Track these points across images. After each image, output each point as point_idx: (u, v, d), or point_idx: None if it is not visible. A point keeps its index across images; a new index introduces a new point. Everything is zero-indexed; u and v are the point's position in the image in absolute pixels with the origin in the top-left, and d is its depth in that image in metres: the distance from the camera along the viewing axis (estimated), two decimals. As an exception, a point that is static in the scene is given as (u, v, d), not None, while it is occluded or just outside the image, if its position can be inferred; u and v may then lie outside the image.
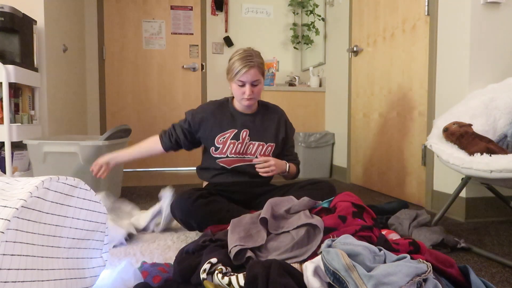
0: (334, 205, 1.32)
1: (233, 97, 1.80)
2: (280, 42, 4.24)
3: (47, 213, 0.89)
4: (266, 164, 1.67)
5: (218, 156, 1.74)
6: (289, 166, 1.78)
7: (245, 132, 1.75)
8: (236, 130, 1.74)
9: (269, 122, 1.81)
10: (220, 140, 1.74)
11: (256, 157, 1.74)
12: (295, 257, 1.10)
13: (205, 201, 1.54)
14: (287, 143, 1.87)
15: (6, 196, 0.82)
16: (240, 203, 1.67)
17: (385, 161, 2.65)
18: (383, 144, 2.67)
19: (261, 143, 1.76)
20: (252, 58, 1.64)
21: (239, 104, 1.76)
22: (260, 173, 1.68)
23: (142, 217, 1.79)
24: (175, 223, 1.76)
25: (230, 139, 1.73)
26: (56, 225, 0.92)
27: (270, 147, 1.78)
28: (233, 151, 1.74)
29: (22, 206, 0.80)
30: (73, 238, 0.98)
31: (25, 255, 0.81)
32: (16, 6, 2.35)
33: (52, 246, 0.91)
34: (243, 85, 1.66)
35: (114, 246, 1.50)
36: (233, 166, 1.74)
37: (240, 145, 1.73)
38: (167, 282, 1.07)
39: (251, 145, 1.75)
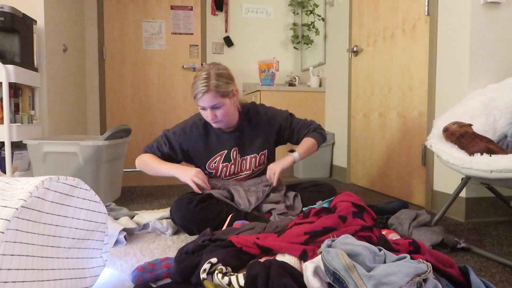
0: (334, 205, 1.32)
1: None
2: (280, 42, 4.24)
3: (47, 213, 0.89)
4: (271, 176, 1.67)
5: (212, 181, 1.70)
6: (296, 155, 1.68)
7: (235, 152, 1.68)
8: (226, 151, 1.68)
9: (256, 131, 1.71)
10: (212, 166, 1.69)
11: (252, 170, 1.72)
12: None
13: (205, 205, 1.53)
14: (285, 132, 1.77)
15: (6, 196, 0.82)
16: (240, 206, 1.67)
17: (385, 161, 2.65)
18: (383, 144, 2.67)
19: (253, 155, 1.72)
20: (207, 82, 1.49)
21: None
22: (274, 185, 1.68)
23: (147, 215, 1.79)
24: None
25: (222, 163, 1.69)
26: (56, 225, 0.92)
27: (263, 155, 1.74)
28: (227, 174, 1.71)
29: (22, 206, 0.80)
30: (73, 238, 0.98)
31: (25, 255, 0.81)
32: (16, 6, 2.35)
33: (52, 246, 0.91)
34: (204, 109, 1.56)
35: (114, 245, 1.51)
36: (229, 185, 1.73)
37: (233, 166, 1.70)
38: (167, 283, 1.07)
39: (244, 161, 1.71)
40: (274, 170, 1.66)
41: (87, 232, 1.02)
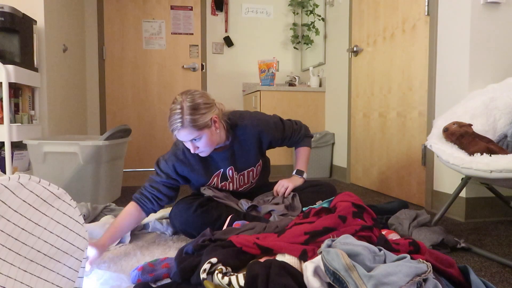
0: (334, 205, 1.32)
1: None
2: (280, 42, 4.24)
3: (15, 210, 0.79)
4: (282, 190, 1.69)
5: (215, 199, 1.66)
6: (304, 175, 1.78)
7: (230, 170, 1.63)
8: (222, 170, 1.62)
9: (248, 146, 1.63)
10: (212, 186, 1.66)
11: (251, 182, 1.73)
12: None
13: (204, 209, 1.52)
14: (277, 141, 1.72)
15: None
16: (239, 209, 1.67)
17: (385, 161, 2.65)
18: (383, 144, 2.67)
19: (249, 169, 1.68)
20: (181, 117, 1.37)
21: None
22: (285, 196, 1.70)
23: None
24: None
25: (220, 182, 1.65)
26: (23, 229, 0.81)
27: (259, 166, 1.72)
28: (228, 189, 1.71)
29: None
30: (39, 251, 0.85)
31: None
32: (16, 6, 2.35)
33: (11, 249, 0.79)
34: (186, 142, 1.45)
35: (116, 244, 1.51)
36: (230, 199, 1.72)
37: (231, 184, 1.67)
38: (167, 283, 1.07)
39: (242, 176, 1.68)
40: (286, 186, 1.71)
41: (57, 252, 0.88)
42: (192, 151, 1.45)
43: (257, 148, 1.65)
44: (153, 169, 1.59)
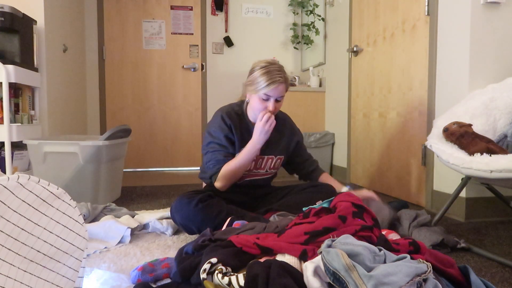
0: (334, 205, 1.32)
1: (246, 107, 1.72)
2: (280, 42, 4.24)
3: (14, 210, 0.79)
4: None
5: None
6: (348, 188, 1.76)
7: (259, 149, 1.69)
8: None
9: (280, 135, 1.76)
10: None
11: (266, 171, 1.74)
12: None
13: (205, 204, 1.52)
14: (299, 151, 1.86)
15: None
16: (240, 205, 1.67)
17: (385, 161, 2.65)
18: (383, 144, 2.67)
19: (271, 156, 1.74)
20: (281, 74, 1.58)
21: (254, 117, 1.67)
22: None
23: (147, 215, 1.79)
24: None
25: None
26: (22, 229, 0.81)
27: (279, 160, 1.77)
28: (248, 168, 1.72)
29: None
30: (38, 251, 0.84)
31: None
32: (16, 6, 2.35)
33: (10, 249, 0.79)
34: (267, 99, 1.59)
35: (117, 244, 1.52)
36: (243, 180, 1.73)
37: (253, 161, 1.70)
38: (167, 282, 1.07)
39: (261, 160, 1.73)
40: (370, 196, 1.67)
41: (57, 252, 0.88)
42: (271, 109, 1.59)
43: (286, 141, 1.79)
44: (153, 169, 1.62)
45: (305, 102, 3.57)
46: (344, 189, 1.74)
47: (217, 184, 1.66)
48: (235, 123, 1.68)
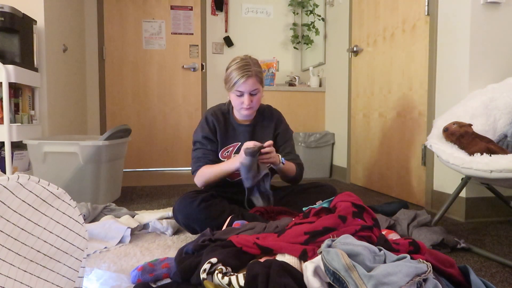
0: (334, 205, 1.32)
1: (232, 106, 1.76)
2: (280, 42, 4.24)
3: (14, 210, 0.79)
4: (270, 150, 1.58)
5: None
6: (284, 160, 1.68)
7: None
8: (239, 143, 1.73)
9: (267, 130, 1.80)
10: (225, 154, 1.73)
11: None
12: None
13: (207, 204, 1.53)
14: (280, 140, 1.81)
15: None
16: (242, 204, 1.67)
17: (385, 161, 2.65)
18: (383, 144, 2.67)
19: None
20: (249, 68, 1.61)
21: (238, 114, 1.74)
22: (263, 153, 1.57)
23: (147, 215, 1.79)
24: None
25: (234, 153, 1.73)
26: (22, 229, 0.81)
27: None
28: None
29: None
30: (38, 251, 0.84)
31: None
32: (16, 6, 2.35)
33: (10, 249, 0.78)
34: (241, 95, 1.64)
35: (117, 244, 1.52)
36: (236, 179, 1.73)
37: None
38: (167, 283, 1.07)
39: None
40: (273, 155, 1.61)
41: (57, 252, 0.88)
42: (246, 104, 1.62)
43: (272, 132, 1.80)
44: (153, 169, 1.62)
45: (305, 102, 3.57)
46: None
47: (196, 181, 1.73)
48: (219, 121, 1.73)
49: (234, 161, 1.62)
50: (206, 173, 1.68)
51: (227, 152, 1.73)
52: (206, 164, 1.70)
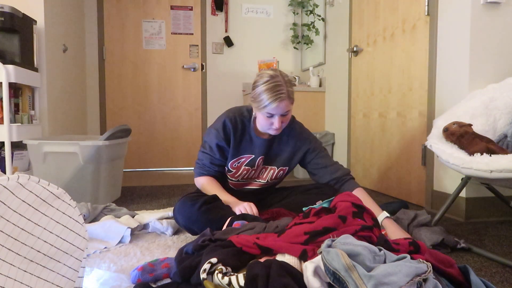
0: (334, 205, 1.32)
1: (254, 119, 1.65)
2: (280, 42, 4.24)
3: (14, 210, 0.79)
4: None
5: (228, 177, 1.71)
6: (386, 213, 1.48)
7: (261, 159, 1.68)
8: (253, 156, 1.67)
9: (285, 147, 1.71)
10: (235, 165, 1.68)
11: (267, 181, 1.65)
12: None
13: (209, 207, 1.51)
14: (313, 156, 1.71)
15: None
16: None
17: (385, 161, 2.65)
18: (383, 144, 2.67)
19: (273, 167, 1.72)
20: (282, 89, 1.46)
21: (261, 129, 1.61)
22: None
23: (147, 215, 1.79)
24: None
25: (245, 165, 1.68)
26: (22, 229, 0.81)
27: (282, 171, 1.74)
28: (245, 177, 1.71)
29: None
30: (38, 251, 0.84)
31: None
32: (16, 6, 2.35)
33: (10, 249, 0.79)
34: (271, 116, 1.51)
35: (117, 244, 1.52)
36: (241, 188, 1.73)
37: (253, 171, 1.70)
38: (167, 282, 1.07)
39: (264, 169, 1.72)
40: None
41: (57, 252, 0.88)
42: (277, 126, 1.50)
43: (290, 153, 1.71)
44: (153, 169, 1.62)
45: (305, 102, 3.57)
46: (382, 216, 1.48)
47: (195, 184, 1.73)
48: (236, 129, 1.63)
49: (234, 206, 1.54)
50: (206, 189, 1.66)
51: (238, 163, 1.67)
52: (209, 176, 1.68)
